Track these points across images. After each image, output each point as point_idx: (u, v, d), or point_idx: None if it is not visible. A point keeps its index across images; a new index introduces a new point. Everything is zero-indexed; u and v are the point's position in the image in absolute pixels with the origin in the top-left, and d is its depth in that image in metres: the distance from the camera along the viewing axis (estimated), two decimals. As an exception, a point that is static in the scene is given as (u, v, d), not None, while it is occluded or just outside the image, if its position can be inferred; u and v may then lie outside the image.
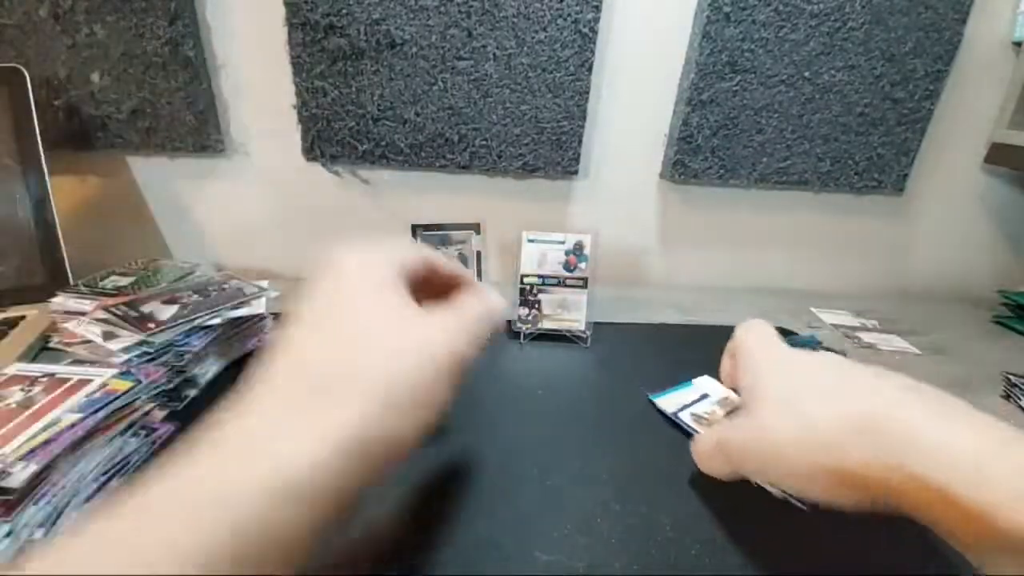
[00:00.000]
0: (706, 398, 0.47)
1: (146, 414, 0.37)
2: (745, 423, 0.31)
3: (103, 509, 0.18)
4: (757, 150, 0.68)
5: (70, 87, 0.59)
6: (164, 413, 0.40)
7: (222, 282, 0.51)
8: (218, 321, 0.45)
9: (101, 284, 0.50)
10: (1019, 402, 0.50)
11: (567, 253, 0.55)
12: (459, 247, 0.54)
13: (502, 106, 0.63)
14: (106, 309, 0.43)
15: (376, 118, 0.63)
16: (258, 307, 0.48)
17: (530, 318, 0.56)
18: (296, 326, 0.25)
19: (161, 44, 0.58)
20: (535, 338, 0.56)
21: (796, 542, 0.33)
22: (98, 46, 0.58)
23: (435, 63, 0.61)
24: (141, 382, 0.37)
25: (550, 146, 0.66)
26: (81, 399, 0.34)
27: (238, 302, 0.47)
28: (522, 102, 0.63)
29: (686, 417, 0.44)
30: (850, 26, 0.62)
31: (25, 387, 0.35)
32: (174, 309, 0.44)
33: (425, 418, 0.24)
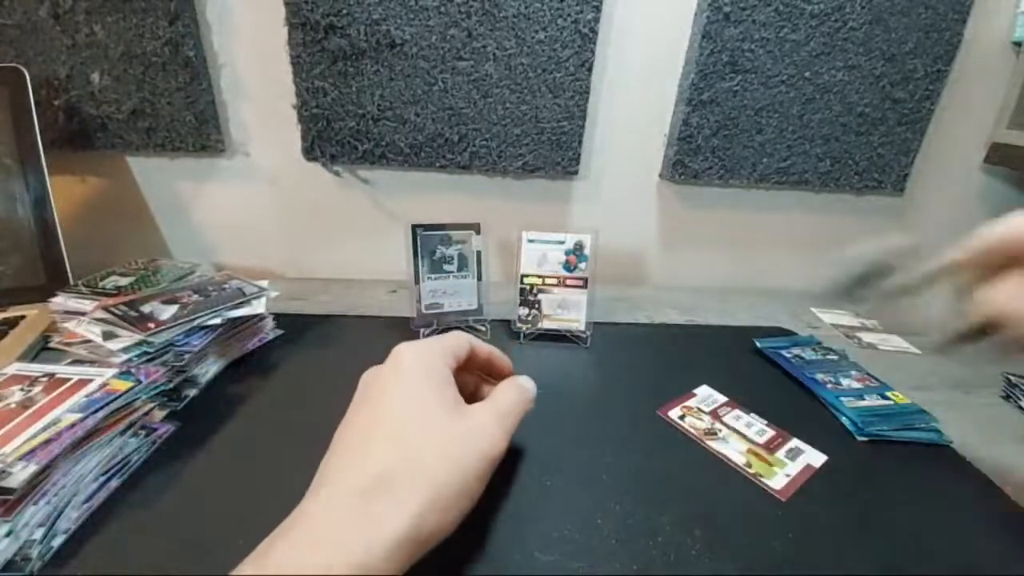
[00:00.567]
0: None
1: (146, 414, 0.37)
2: None
3: None
4: (757, 150, 0.68)
5: (70, 87, 0.59)
6: (164, 413, 0.40)
7: (222, 282, 0.51)
8: (218, 321, 0.45)
9: (101, 284, 0.50)
10: (1019, 402, 0.50)
11: (567, 253, 0.55)
12: (459, 247, 0.54)
13: (502, 106, 0.63)
14: (106, 309, 0.43)
15: (376, 118, 0.63)
16: (258, 307, 0.48)
17: (530, 318, 0.56)
18: (358, 420, 0.29)
19: (161, 44, 0.58)
20: (535, 338, 0.56)
21: (796, 542, 0.33)
22: (98, 46, 0.58)
23: (435, 63, 0.61)
24: (141, 382, 0.37)
25: (550, 146, 0.66)
26: (81, 399, 0.34)
27: (238, 302, 0.47)
28: (522, 102, 0.63)
29: None
30: (850, 26, 0.62)
31: (25, 387, 0.35)
32: (174, 309, 0.44)
33: (465, 510, 0.27)
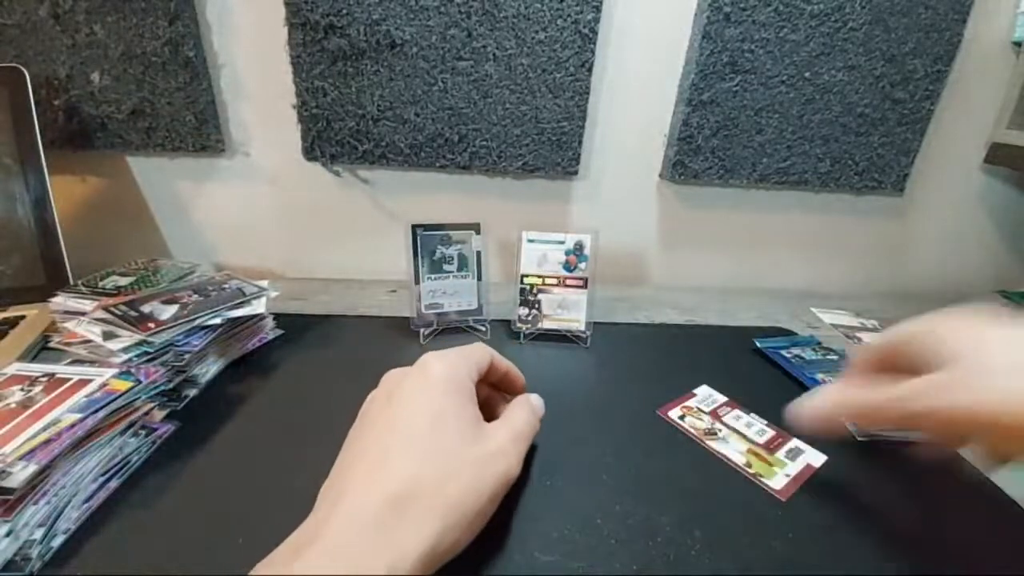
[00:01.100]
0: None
1: (146, 414, 0.37)
2: (974, 384, 0.27)
3: None
4: (757, 150, 0.68)
5: (70, 87, 0.59)
6: (164, 413, 0.40)
7: (222, 282, 0.51)
8: (218, 321, 0.45)
9: (101, 284, 0.50)
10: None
11: (567, 253, 0.55)
12: (459, 247, 0.54)
13: (502, 106, 0.63)
14: (106, 309, 0.43)
15: (376, 118, 0.63)
16: (258, 307, 0.48)
17: (530, 318, 0.56)
18: (379, 425, 0.28)
19: (161, 44, 0.58)
20: (535, 338, 0.56)
21: (796, 542, 0.33)
22: (98, 46, 0.58)
23: (435, 63, 0.61)
24: (141, 382, 0.37)
25: (550, 146, 0.66)
26: (81, 399, 0.34)
27: (238, 302, 0.47)
28: (522, 102, 0.63)
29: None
30: (850, 26, 0.62)
31: (25, 387, 0.35)
32: (174, 309, 0.44)
33: (478, 530, 0.27)
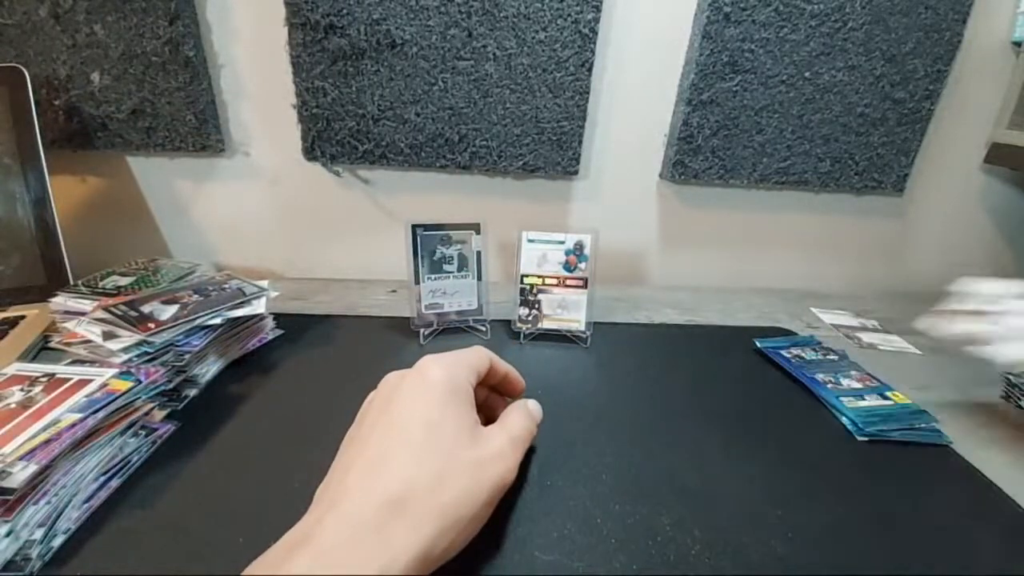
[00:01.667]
0: None
1: (146, 414, 0.37)
2: None
3: None
4: (757, 150, 0.68)
5: (70, 87, 0.59)
6: (164, 413, 0.40)
7: (222, 282, 0.51)
8: (218, 321, 0.45)
9: (101, 284, 0.50)
10: (1019, 402, 0.50)
11: (567, 253, 0.55)
12: (459, 247, 0.54)
13: (502, 106, 0.63)
14: (106, 309, 0.43)
15: (376, 118, 0.63)
16: (258, 307, 0.48)
17: (530, 318, 0.56)
18: (378, 428, 0.28)
19: (161, 44, 0.58)
20: (535, 338, 0.56)
21: (796, 542, 0.33)
22: (98, 46, 0.58)
23: (435, 63, 0.61)
24: (141, 382, 0.37)
25: (550, 146, 0.66)
26: (81, 399, 0.34)
27: (238, 302, 0.47)
28: (522, 102, 0.63)
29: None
30: (850, 26, 0.62)
31: (25, 387, 0.35)
32: (174, 309, 0.44)
33: (473, 534, 0.27)
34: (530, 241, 0.55)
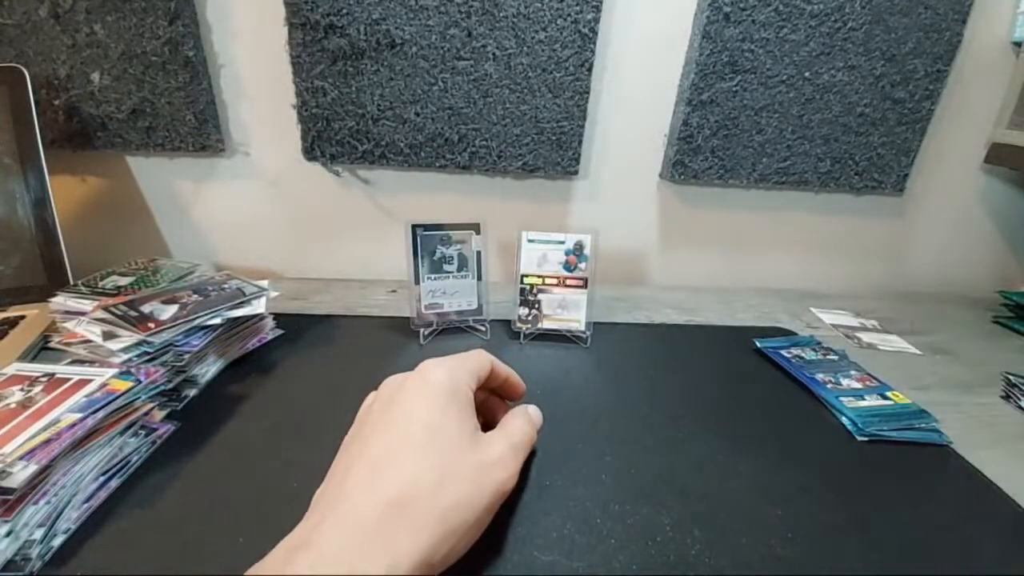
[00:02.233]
0: None
1: (146, 414, 0.37)
2: None
3: None
4: (757, 150, 0.68)
5: (70, 87, 0.59)
6: (164, 413, 0.40)
7: (222, 282, 0.51)
8: (218, 321, 0.45)
9: (101, 284, 0.50)
10: (1019, 402, 0.50)
11: (567, 253, 0.55)
12: (459, 247, 0.54)
13: (502, 106, 0.63)
14: (106, 309, 0.43)
15: (376, 118, 0.63)
16: (258, 307, 0.48)
17: (530, 318, 0.56)
18: (378, 431, 0.28)
19: (161, 44, 0.58)
20: (535, 338, 0.56)
21: (796, 542, 0.33)
22: (98, 46, 0.58)
23: (435, 63, 0.61)
24: (141, 382, 0.37)
25: (550, 146, 0.66)
26: (81, 399, 0.34)
27: (238, 302, 0.47)
28: (522, 102, 0.63)
29: None
30: (850, 26, 0.62)
31: (25, 387, 0.35)
32: (174, 309, 0.44)
33: (474, 540, 0.27)
34: (530, 241, 0.55)
